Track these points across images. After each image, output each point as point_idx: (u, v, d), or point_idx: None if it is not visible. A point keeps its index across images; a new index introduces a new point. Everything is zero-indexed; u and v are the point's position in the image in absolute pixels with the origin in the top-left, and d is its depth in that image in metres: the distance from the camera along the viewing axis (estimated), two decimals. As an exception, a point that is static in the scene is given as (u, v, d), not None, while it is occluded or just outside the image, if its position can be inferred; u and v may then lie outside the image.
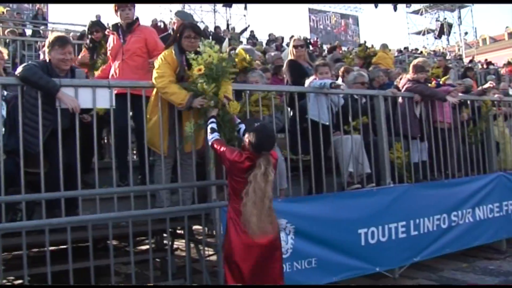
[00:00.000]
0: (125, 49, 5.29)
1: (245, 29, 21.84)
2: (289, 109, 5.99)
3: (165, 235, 5.47)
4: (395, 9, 36.06)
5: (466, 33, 40.02)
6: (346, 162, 5.67)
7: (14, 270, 4.69)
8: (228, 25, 25.03)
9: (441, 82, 7.31)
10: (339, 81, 6.47)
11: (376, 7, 33.88)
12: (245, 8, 28.79)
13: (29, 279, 4.10)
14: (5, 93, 4.48)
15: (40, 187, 4.00)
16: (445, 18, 39.30)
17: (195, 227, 5.55)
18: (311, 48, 19.55)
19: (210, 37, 14.21)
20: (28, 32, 14.91)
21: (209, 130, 4.10)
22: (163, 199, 4.63)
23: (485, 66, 22.12)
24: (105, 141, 6.63)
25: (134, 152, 6.06)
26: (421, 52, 26.56)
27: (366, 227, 5.45)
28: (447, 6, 38.63)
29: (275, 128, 5.16)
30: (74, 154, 4.13)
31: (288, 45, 16.40)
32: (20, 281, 5.35)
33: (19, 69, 4.13)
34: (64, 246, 4.51)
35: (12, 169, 4.03)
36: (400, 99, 6.36)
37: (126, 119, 4.59)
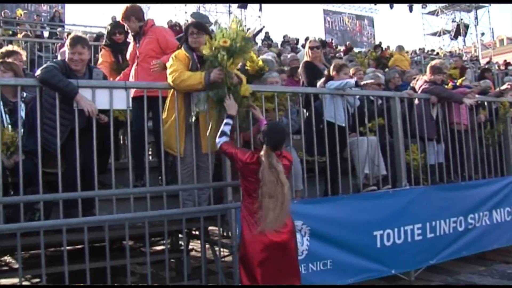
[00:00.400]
0: (139, 52, 5.35)
1: (260, 30, 21.84)
2: (304, 110, 5.98)
3: (180, 235, 5.48)
4: (410, 10, 35.82)
5: (482, 34, 39.65)
6: (362, 164, 5.64)
7: (31, 269, 4.74)
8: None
9: (457, 84, 7.25)
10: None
11: (391, 7, 33.70)
12: (260, 9, 28.85)
13: (46, 278, 4.13)
14: (24, 94, 4.53)
15: (57, 187, 4.05)
16: (462, 19, 38.94)
17: (210, 228, 5.56)
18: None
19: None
20: (46, 34, 15.09)
21: (219, 133, 4.10)
22: (185, 200, 4.68)
23: (502, 67, 21.84)
24: (121, 142, 6.66)
25: (150, 153, 6.09)
26: (437, 53, 26.36)
27: (382, 229, 5.41)
28: (463, 6, 38.26)
29: (291, 129, 5.16)
30: (91, 155, 4.17)
31: (303, 46, 16.42)
32: (37, 280, 5.40)
33: (39, 71, 4.18)
34: (80, 246, 4.55)
35: (31, 169, 4.07)
36: (416, 101, 6.31)
37: (144, 121, 4.63)
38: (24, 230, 3.95)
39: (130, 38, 5.68)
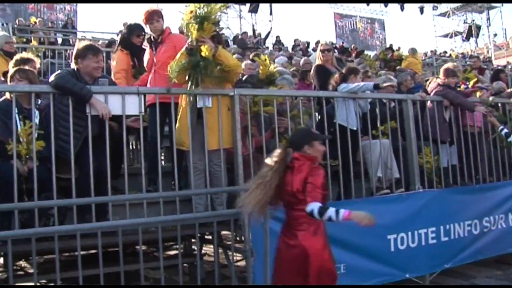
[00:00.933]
0: (157, 60, 5.38)
1: (269, 33, 21.90)
2: (316, 114, 5.97)
3: (193, 240, 5.49)
4: (421, 12, 35.64)
5: (495, 35, 39.24)
6: (374, 167, 5.61)
7: (46, 274, 4.77)
8: (254, 30, 25.09)
9: (470, 86, 7.19)
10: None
11: (402, 9, 33.55)
12: (271, 13, 28.82)
13: (61, 283, 4.16)
14: (39, 101, 4.58)
15: (71, 192, 4.08)
16: (473, 20, 38.60)
17: (223, 232, 5.56)
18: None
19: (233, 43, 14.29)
20: (59, 41, 15.26)
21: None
22: (196, 204, 4.71)
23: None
24: (133, 147, 6.69)
25: (163, 157, 6.10)
26: (450, 55, 26.18)
27: (396, 233, 5.38)
28: (475, 7, 37.93)
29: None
30: (104, 160, 4.20)
31: (314, 50, 16.40)
32: (52, 284, 5.44)
33: (52, 77, 4.25)
34: (93, 251, 4.58)
35: (45, 175, 4.11)
36: (429, 103, 6.26)
37: (160, 128, 4.68)
38: (39, 235, 3.97)
39: (146, 45, 5.69)
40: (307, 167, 3.62)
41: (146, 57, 5.60)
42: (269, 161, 3.70)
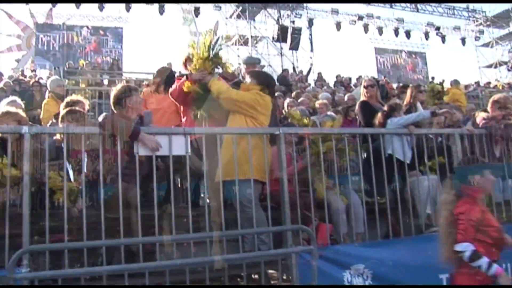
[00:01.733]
0: None
1: (310, 70, 22.03)
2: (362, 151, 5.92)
3: (239, 279, 5.43)
4: (463, 43, 35.19)
5: (544, 63, 38.20)
6: (423, 204, 5.47)
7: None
8: (294, 68, 25.29)
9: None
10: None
11: (443, 41, 33.24)
12: (311, 50, 29.01)
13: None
14: (87, 142, 4.70)
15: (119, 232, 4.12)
16: (519, 48, 37.80)
17: (269, 270, 5.47)
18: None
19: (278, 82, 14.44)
20: (105, 82, 15.81)
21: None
22: (254, 242, 4.69)
23: None
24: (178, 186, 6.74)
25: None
26: (496, 86, 25.59)
27: (448, 272, 5.17)
28: (519, 36, 37.20)
29: (352, 171, 5.13)
30: (152, 200, 4.25)
31: (355, 85, 16.35)
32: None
33: (100, 118, 4.37)
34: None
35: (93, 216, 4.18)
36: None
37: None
38: (88, 275, 4.01)
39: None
40: (463, 203, 3.53)
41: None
42: (442, 201, 3.62)
